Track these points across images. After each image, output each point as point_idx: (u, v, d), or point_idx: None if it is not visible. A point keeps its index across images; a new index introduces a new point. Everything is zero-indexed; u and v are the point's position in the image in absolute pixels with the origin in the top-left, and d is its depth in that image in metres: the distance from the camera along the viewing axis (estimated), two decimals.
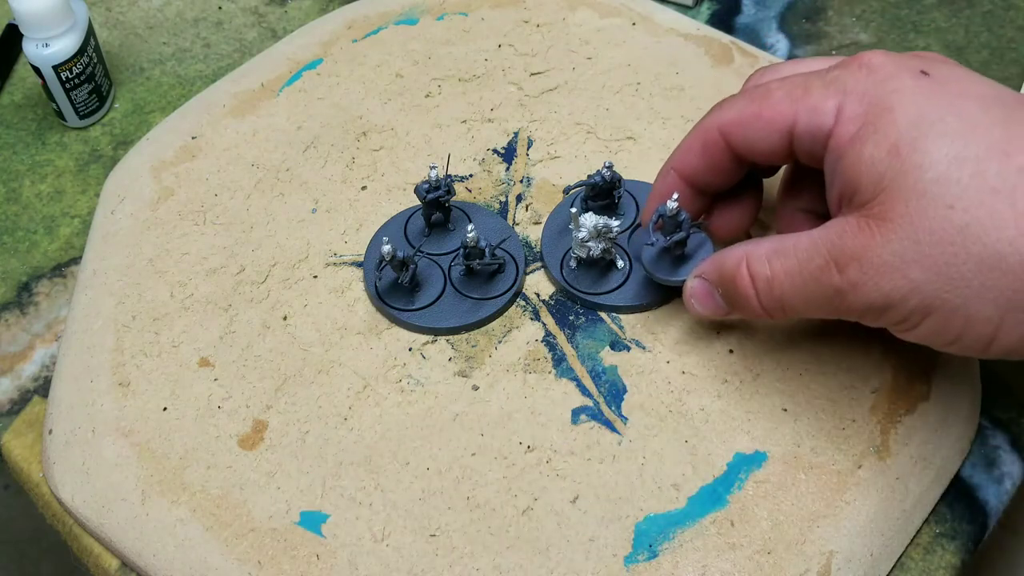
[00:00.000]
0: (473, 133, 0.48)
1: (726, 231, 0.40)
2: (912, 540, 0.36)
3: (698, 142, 0.37)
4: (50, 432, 0.38)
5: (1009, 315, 0.29)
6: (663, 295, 0.41)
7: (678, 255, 0.39)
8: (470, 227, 0.39)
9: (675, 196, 0.38)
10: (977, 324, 0.30)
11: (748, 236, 0.42)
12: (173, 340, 0.40)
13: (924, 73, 0.31)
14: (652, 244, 0.39)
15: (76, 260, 0.46)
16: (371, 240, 0.43)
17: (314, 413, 0.38)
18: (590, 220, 0.39)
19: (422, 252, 0.42)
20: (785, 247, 0.33)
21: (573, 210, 0.39)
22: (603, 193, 0.43)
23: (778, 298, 0.34)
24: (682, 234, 0.38)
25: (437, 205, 0.42)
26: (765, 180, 0.41)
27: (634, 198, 0.44)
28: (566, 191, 0.42)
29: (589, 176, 0.42)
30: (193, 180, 0.46)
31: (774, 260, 0.33)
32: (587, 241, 0.39)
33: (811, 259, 0.32)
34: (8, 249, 0.46)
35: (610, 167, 0.41)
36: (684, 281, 0.38)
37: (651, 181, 0.43)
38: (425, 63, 0.52)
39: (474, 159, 0.47)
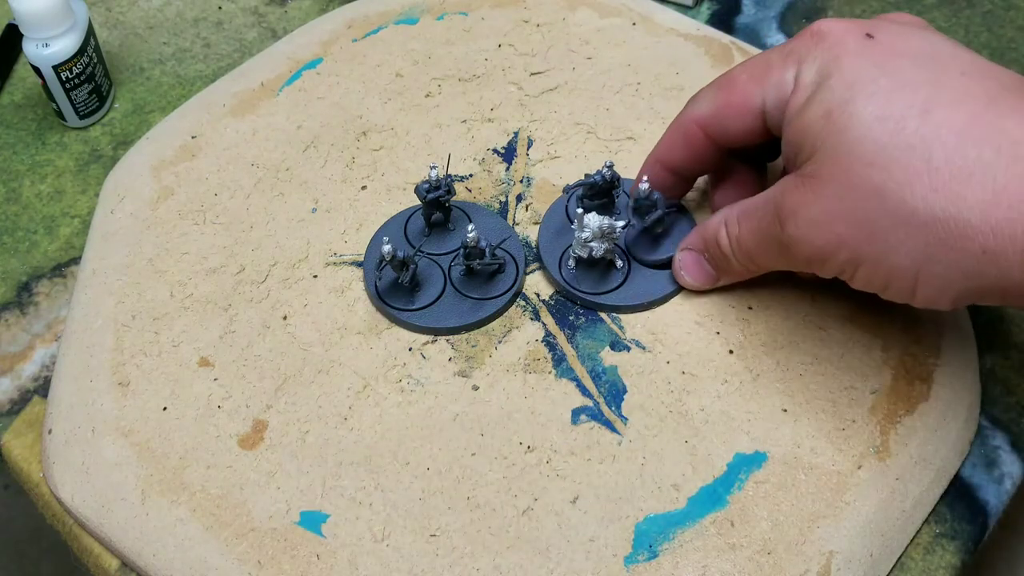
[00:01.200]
0: (473, 133, 0.48)
1: None
2: (912, 540, 0.36)
3: (679, 137, 0.39)
4: (50, 432, 0.38)
5: (924, 267, 0.30)
6: (662, 295, 0.41)
7: (659, 233, 0.42)
8: (470, 227, 0.39)
9: (644, 179, 0.40)
10: (898, 276, 0.31)
11: None
12: (173, 340, 0.40)
13: (869, 36, 0.33)
14: (628, 226, 0.41)
15: (76, 260, 0.46)
16: (371, 240, 0.43)
17: (314, 413, 0.38)
18: (595, 221, 0.39)
19: (422, 252, 0.42)
20: (748, 207, 0.36)
21: (580, 211, 0.39)
22: (601, 192, 0.43)
23: (747, 253, 0.36)
24: (658, 212, 0.40)
25: (437, 205, 0.42)
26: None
27: (630, 198, 0.44)
28: (566, 189, 0.42)
29: (588, 175, 0.42)
30: (193, 179, 0.46)
31: (742, 220, 0.36)
32: (590, 241, 0.39)
33: (764, 216, 0.35)
34: (8, 249, 0.46)
35: (611, 167, 0.41)
36: (667, 259, 0.41)
37: None
38: (425, 63, 0.52)
39: (474, 159, 0.47)
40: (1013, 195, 0.28)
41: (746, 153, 0.40)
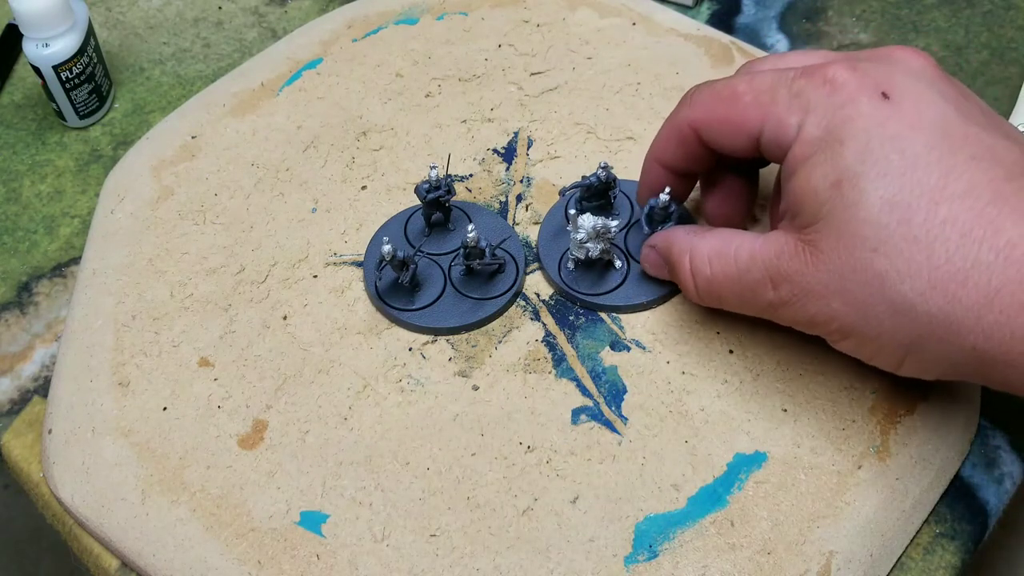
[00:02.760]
0: (473, 133, 0.48)
1: (721, 221, 0.41)
2: (912, 540, 0.36)
3: (673, 135, 0.38)
4: (50, 432, 0.38)
5: (913, 352, 0.32)
6: (661, 294, 0.41)
7: None
8: (470, 227, 0.39)
9: (667, 190, 0.39)
10: (886, 353, 0.32)
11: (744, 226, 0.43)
12: (173, 340, 0.40)
13: (884, 96, 0.32)
14: (628, 229, 0.42)
15: (76, 260, 0.46)
16: (371, 240, 0.43)
17: (314, 413, 0.38)
18: (588, 221, 0.39)
19: (422, 252, 0.42)
20: (727, 251, 0.35)
21: (572, 212, 0.39)
22: (598, 193, 0.43)
23: (716, 296, 0.36)
24: (671, 224, 0.40)
25: (437, 205, 0.42)
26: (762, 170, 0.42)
27: (628, 198, 0.44)
28: (562, 192, 0.42)
29: (584, 177, 0.42)
30: (193, 179, 0.46)
31: (715, 262, 0.36)
32: (586, 242, 0.39)
33: (749, 271, 0.34)
34: (8, 249, 0.46)
35: (606, 167, 0.41)
36: None
37: None
38: (425, 63, 0.52)
39: (474, 159, 0.47)
40: (1005, 299, 0.29)
41: (738, 161, 0.40)
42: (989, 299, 0.29)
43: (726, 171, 0.40)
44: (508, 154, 0.47)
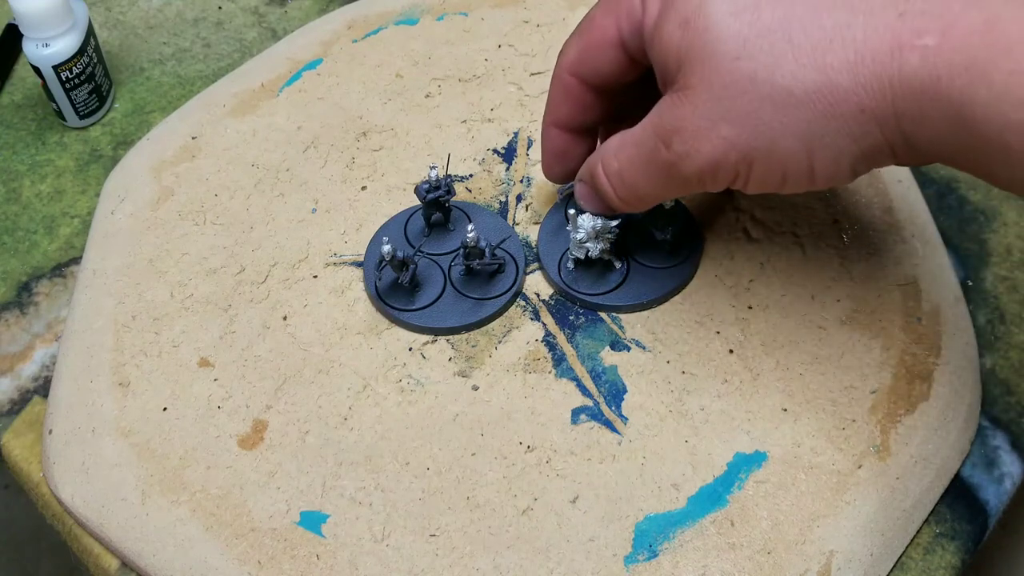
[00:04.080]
0: (473, 133, 0.48)
1: None
2: (912, 540, 0.36)
3: (558, 91, 0.38)
4: (50, 432, 0.38)
5: (814, 144, 0.30)
6: (661, 294, 0.41)
7: (667, 241, 0.41)
8: (470, 227, 0.39)
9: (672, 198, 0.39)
10: (791, 161, 0.31)
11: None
12: (173, 340, 0.40)
13: None
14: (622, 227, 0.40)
15: (76, 260, 0.46)
16: (371, 240, 0.43)
17: (314, 413, 0.38)
18: (588, 221, 0.39)
19: (422, 252, 0.42)
20: (625, 139, 0.35)
21: (572, 212, 0.40)
22: None
23: (630, 186, 0.36)
24: (680, 226, 0.41)
25: (437, 205, 0.42)
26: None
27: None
28: (561, 192, 0.42)
29: None
30: (193, 180, 0.46)
31: (620, 152, 0.35)
32: (585, 242, 0.39)
33: (644, 143, 0.34)
34: (8, 249, 0.46)
35: None
36: (675, 265, 0.41)
37: None
38: (425, 63, 0.52)
39: (474, 159, 0.47)
40: (875, 49, 0.28)
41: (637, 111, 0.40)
42: (859, 54, 0.29)
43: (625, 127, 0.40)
44: (508, 154, 0.47)
